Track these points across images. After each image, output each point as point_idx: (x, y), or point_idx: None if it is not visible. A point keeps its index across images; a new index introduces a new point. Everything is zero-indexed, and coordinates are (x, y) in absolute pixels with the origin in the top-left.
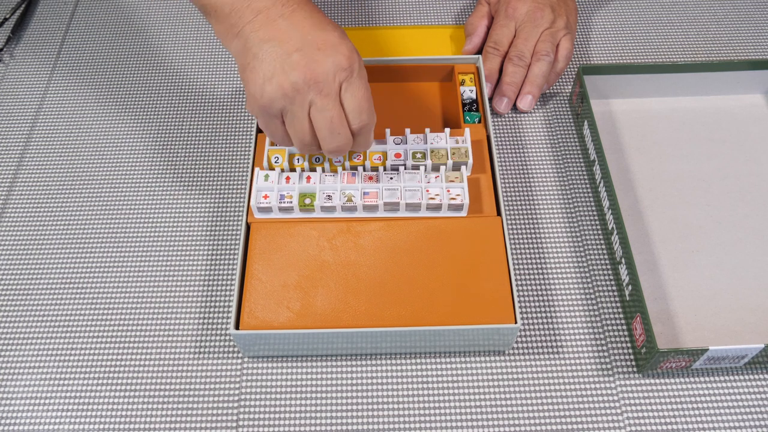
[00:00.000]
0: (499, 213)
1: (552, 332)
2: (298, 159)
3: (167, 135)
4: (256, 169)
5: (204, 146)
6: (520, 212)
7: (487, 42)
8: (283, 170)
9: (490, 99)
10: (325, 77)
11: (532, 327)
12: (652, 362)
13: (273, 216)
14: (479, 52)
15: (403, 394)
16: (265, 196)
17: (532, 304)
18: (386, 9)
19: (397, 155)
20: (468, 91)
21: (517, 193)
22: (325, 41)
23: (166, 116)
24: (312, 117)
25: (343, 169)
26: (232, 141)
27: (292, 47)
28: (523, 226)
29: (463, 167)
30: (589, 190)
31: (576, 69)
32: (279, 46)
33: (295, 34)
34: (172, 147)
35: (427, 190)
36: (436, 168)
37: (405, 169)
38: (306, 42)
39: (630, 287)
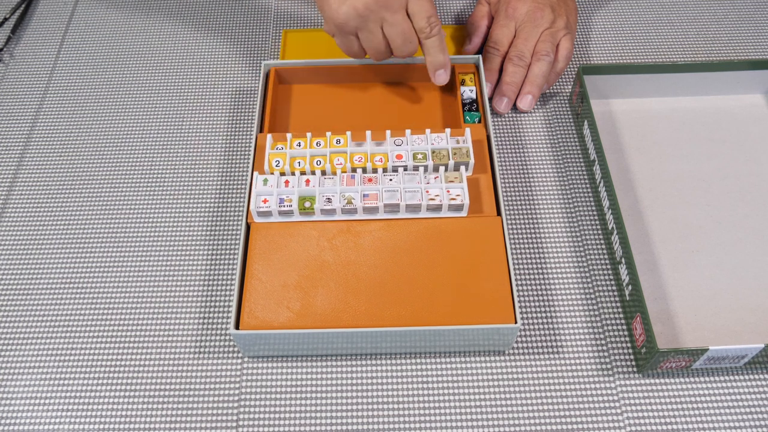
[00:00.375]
0: (499, 213)
1: (552, 332)
2: (299, 162)
3: (167, 135)
4: (255, 174)
5: (204, 146)
6: (520, 212)
7: (487, 42)
8: (283, 174)
9: (490, 99)
10: None
11: (532, 327)
12: (652, 362)
13: (273, 220)
14: (479, 51)
15: (403, 394)
16: (265, 201)
17: (532, 304)
18: None
19: (399, 156)
20: (468, 91)
21: (517, 193)
22: None
23: (166, 116)
24: (386, 31)
25: (344, 171)
26: (232, 141)
27: None
28: (523, 226)
29: (463, 167)
30: (589, 190)
31: (576, 69)
32: None
33: None
34: (172, 147)
35: (427, 191)
36: (435, 168)
37: (406, 170)
38: None
39: (630, 287)
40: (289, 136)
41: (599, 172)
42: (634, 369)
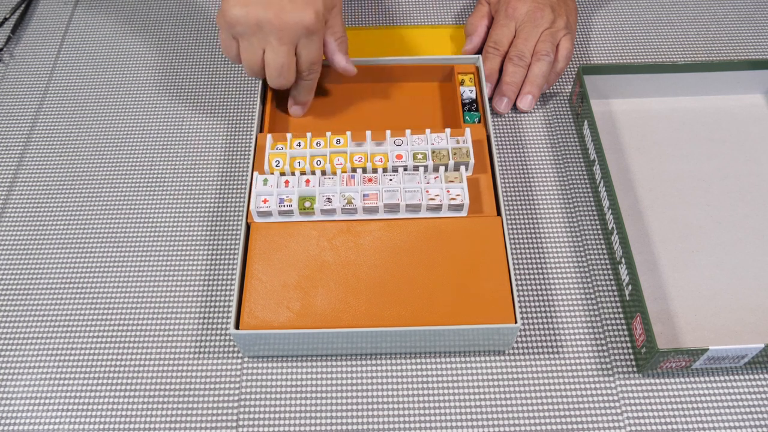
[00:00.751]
0: (499, 213)
1: (552, 332)
2: (299, 162)
3: (167, 135)
4: (255, 173)
5: (204, 146)
6: (520, 212)
7: (487, 42)
8: (283, 174)
9: (490, 99)
10: (288, 27)
11: (532, 327)
12: (652, 362)
13: (273, 220)
14: (479, 52)
15: (403, 394)
16: (265, 201)
17: (532, 304)
18: (386, 9)
19: (399, 156)
20: (468, 91)
21: (517, 193)
22: None
23: (166, 116)
24: (265, 55)
25: (344, 171)
26: (232, 141)
27: None
28: (523, 226)
29: (462, 167)
30: (589, 190)
31: (576, 69)
32: None
33: None
34: (172, 147)
35: (427, 191)
36: (435, 168)
37: (406, 170)
38: None
39: (630, 287)
40: (289, 136)
41: (599, 172)
42: (634, 369)
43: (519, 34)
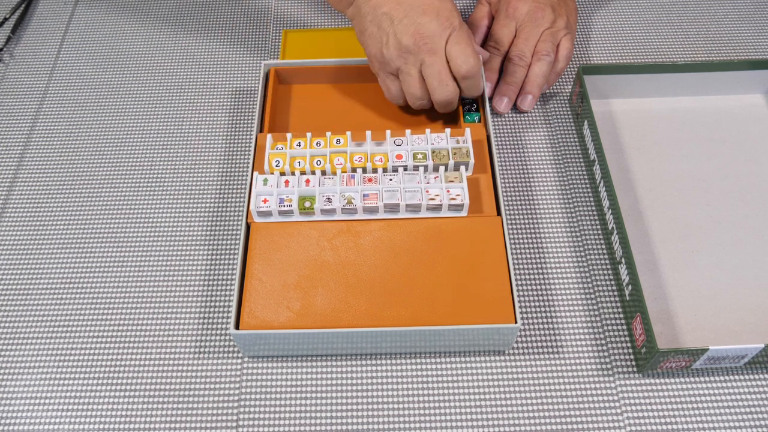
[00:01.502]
0: (499, 213)
1: (552, 332)
2: (299, 162)
3: (167, 135)
4: (255, 173)
5: (204, 146)
6: (520, 212)
7: (487, 41)
8: (283, 174)
9: (490, 99)
10: (431, 37)
11: (532, 327)
12: (652, 362)
13: (273, 220)
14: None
15: (403, 394)
16: (265, 201)
17: (532, 304)
18: None
19: (399, 156)
20: None
21: (517, 193)
22: (428, 5)
23: (166, 116)
24: (423, 72)
25: (344, 171)
26: (232, 141)
27: (401, 14)
28: (523, 226)
29: (462, 167)
30: (589, 190)
31: (576, 69)
32: (389, 14)
33: (400, 1)
34: (172, 147)
35: (427, 191)
36: (435, 168)
37: (406, 170)
38: (412, 8)
39: (630, 287)
40: (289, 136)
41: (599, 172)
42: (634, 369)
43: (519, 33)
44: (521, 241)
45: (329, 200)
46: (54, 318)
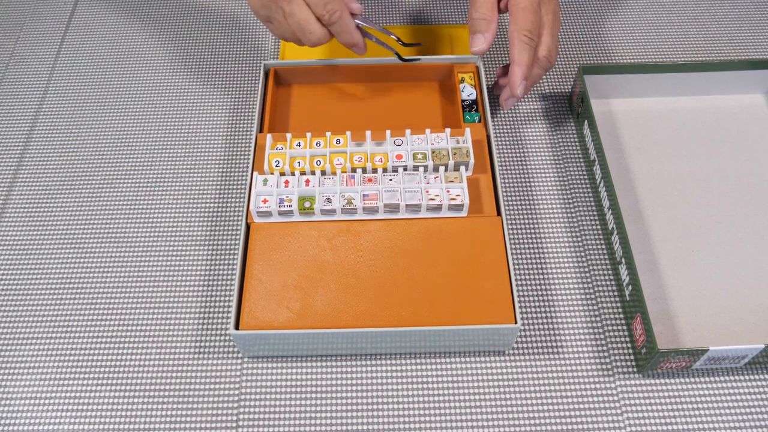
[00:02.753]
0: (499, 213)
1: (552, 332)
2: (299, 162)
3: (167, 135)
4: (255, 174)
5: (204, 146)
6: (520, 212)
7: (516, 30)
8: (283, 174)
9: (495, 91)
10: None
11: (532, 327)
12: (652, 362)
13: (273, 220)
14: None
15: (403, 394)
16: (265, 201)
17: (532, 304)
18: (386, 9)
19: (399, 156)
20: (468, 90)
21: (517, 193)
22: None
23: (166, 116)
24: (288, 22)
25: (343, 171)
26: (232, 141)
27: None
28: (523, 226)
29: (462, 167)
30: (589, 190)
31: (576, 69)
32: None
33: None
34: (172, 147)
35: (427, 191)
36: (435, 168)
37: (406, 170)
38: None
39: (630, 287)
40: (289, 136)
41: (599, 172)
42: (634, 369)
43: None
44: (521, 241)
45: (329, 200)
46: (54, 318)
